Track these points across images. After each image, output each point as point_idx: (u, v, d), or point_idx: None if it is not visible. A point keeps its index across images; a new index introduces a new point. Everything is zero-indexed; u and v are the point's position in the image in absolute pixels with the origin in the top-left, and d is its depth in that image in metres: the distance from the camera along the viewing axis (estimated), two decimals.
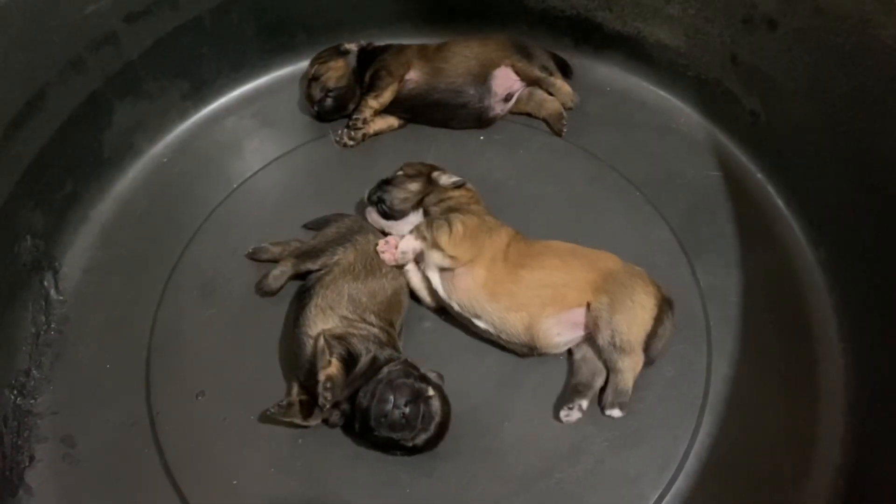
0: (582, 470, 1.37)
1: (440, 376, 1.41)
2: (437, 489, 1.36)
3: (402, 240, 1.53)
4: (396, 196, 1.61)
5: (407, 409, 1.28)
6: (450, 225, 1.49)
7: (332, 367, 1.31)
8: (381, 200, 1.61)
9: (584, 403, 1.41)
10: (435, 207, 1.58)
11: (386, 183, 1.64)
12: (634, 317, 1.41)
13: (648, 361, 1.44)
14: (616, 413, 1.40)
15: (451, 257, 1.47)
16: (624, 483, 1.36)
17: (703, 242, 1.67)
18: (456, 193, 1.61)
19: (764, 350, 1.52)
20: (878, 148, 1.46)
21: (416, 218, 1.60)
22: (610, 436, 1.41)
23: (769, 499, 1.37)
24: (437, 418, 1.33)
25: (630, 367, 1.40)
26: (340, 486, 1.38)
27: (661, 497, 1.35)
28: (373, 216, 1.64)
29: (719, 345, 1.52)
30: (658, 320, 1.43)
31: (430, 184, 1.64)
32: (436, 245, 1.48)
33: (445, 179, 1.64)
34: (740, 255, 1.66)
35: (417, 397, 1.30)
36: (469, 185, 1.65)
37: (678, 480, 1.37)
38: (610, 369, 1.42)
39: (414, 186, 1.63)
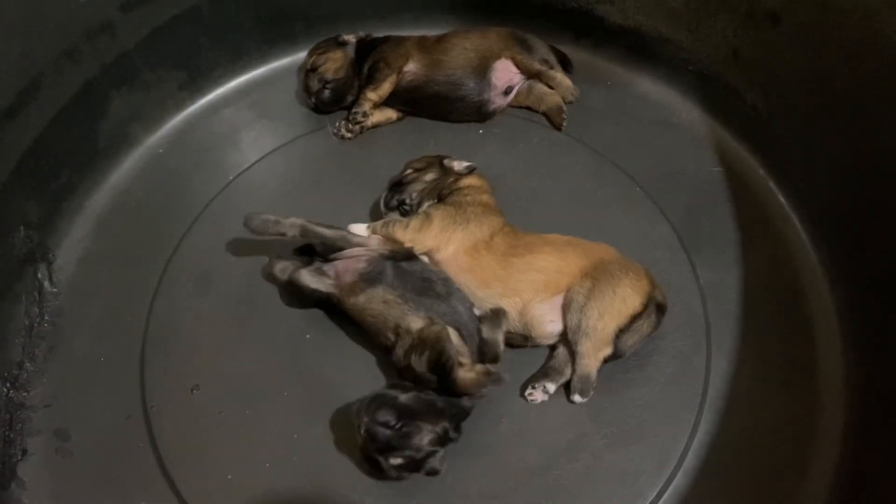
0: (580, 466, 1.37)
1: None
2: (434, 484, 1.34)
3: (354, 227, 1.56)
4: (415, 190, 1.61)
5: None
6: (408, 219, 1.52)
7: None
8: (402, 202, 1.60)
9: (551, 387, 1.42)
10: (449, 196, 1.59)
11: (398, 184, 1.63)
12: (610, 307, 1.39)
13: (616, 354, 1.42)
14: (578, 399, 1.40)
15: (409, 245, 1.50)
16: (622, 480, 1.35)
17: (703, 238, 1.66)
18: (466, 182, 1.61)
19: (763, 347, 1.51)
20: (881, 144, 1.45)
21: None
22: (608, 432, 1.40)
23: (768, 496, 1.36)
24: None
25: (591, 352, 1.39)
26: (336, 482, 1.37)
27: (660, 494, 1.34)
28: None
29: (719, 341, 1.52)
30: (637, 317, 1.41)
31: (444, 171, 1.64)
32: (390, 237, 1.51)
33: (458, 165, 1.64)
34: (740, 252, 1.65)
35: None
36: (479, 174, 1.66)
37: (677, 477, 1.36)
38: (574, 353, 1.41)
39: (430, 176, 1.63)
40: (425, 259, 1.51)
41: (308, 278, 1.47)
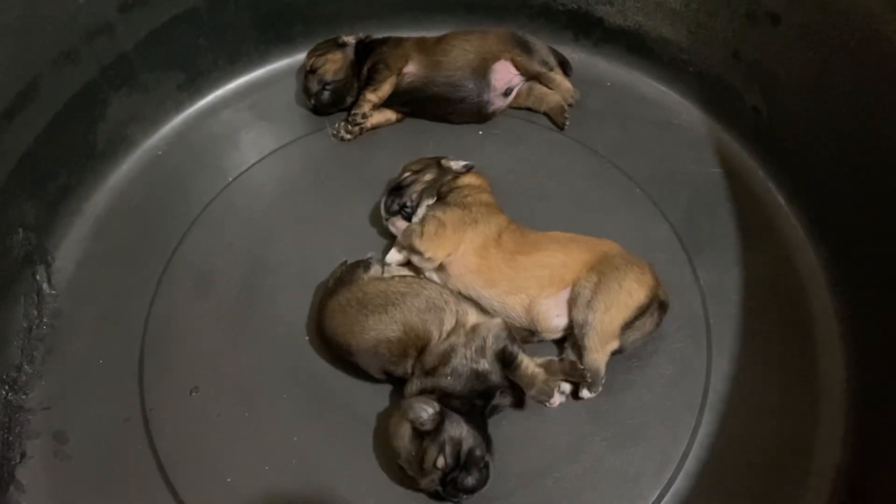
0: (581, 468, 1.36)
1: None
2: None
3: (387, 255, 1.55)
4: (415, 191, 1.60)
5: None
6: (422, 226, 1.51)
7: None
8: (404, 205, 1.59)
9: (566, 387, 1.41)
10: (449, 195, 1.59)
11: (397, 188, 1.62)
12: (616, 300, 1.39)
13: (618, 351, 1.42)
14: (586, 394, 1.40)
15: (429, 258, 1.48)
16: (623, 482, 1.35)
17: (704, 239, 1.66)
18: (465, 181, 1.61)
19: (764, 348, 1.51)
20: (882, 145, 1.45)
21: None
22: (609, 434, 1.40)
23: (769, 497, 1.36)
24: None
25: (599, 346, 1.38)
26: (335, 483, 1.37)
27: (661, 496, 1.34)
28: (398, 224, 1.60)
29: (719, 343, 1.51)
30: (641, 312, 1.41)
31: (442, 170, 1.64)
32: (411, 249, 1.50)
33: (455, 164, 1.64)
34: (741, 253, 1.65)
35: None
36: (478, 172, 1.66)
37: (677, 480, 1.36)
38: (581, 347, 1.40)
39: (428, 177, 1.62)
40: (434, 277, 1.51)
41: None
